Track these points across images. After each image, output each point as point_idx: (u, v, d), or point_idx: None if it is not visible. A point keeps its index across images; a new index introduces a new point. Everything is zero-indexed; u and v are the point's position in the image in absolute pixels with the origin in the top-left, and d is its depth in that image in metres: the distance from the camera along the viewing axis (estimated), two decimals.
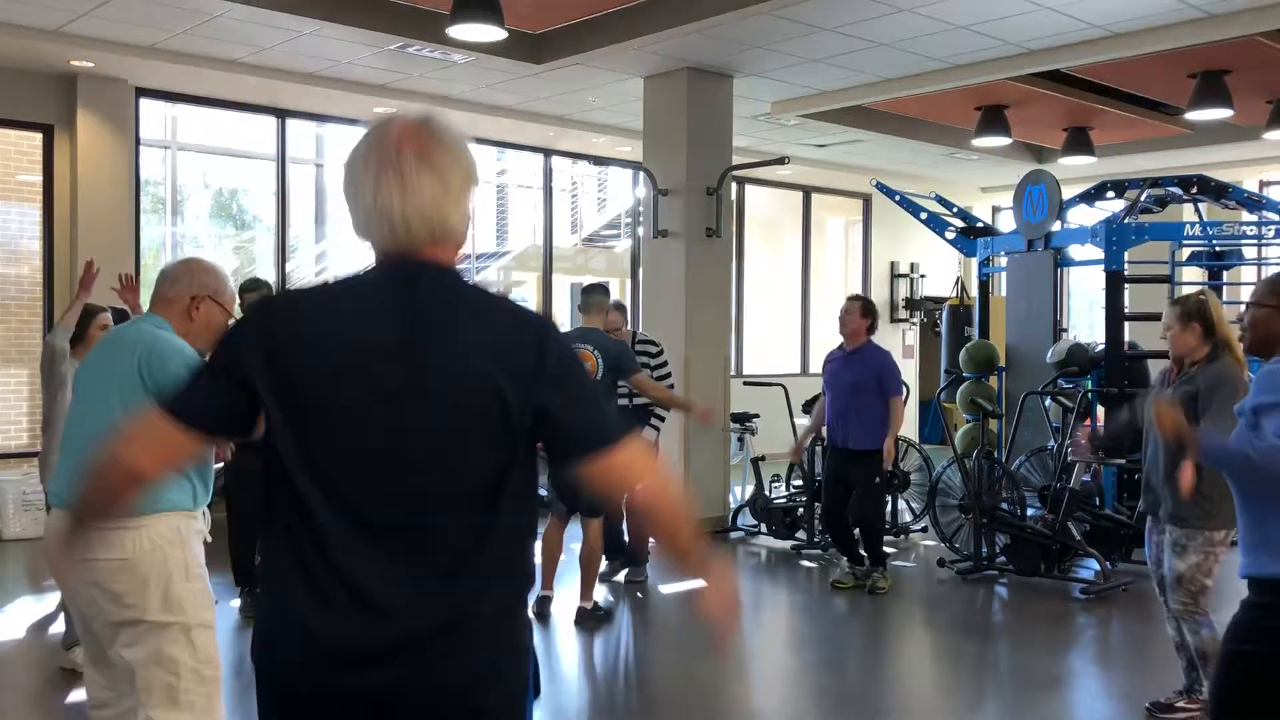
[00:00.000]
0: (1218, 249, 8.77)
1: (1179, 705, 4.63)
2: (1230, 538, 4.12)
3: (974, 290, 10.43)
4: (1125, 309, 8.18)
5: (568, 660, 5.73)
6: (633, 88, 9.19)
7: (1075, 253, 8.71)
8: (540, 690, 2.27)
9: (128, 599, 2.90)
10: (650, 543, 7.27)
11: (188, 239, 11.46)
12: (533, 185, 13.04)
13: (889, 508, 8.15)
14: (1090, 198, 9.13)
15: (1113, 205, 9.25)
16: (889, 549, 7.39)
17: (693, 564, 1.84)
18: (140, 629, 2.92)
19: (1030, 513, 7.28)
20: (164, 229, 11.14)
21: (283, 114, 10.25)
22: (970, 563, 7.25)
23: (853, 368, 6.70)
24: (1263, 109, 9.80)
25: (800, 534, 8.16)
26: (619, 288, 14.62)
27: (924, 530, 8.50)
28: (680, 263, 8.79)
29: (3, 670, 5.39)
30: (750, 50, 8.30)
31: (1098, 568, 6.89)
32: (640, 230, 11.25)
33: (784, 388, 8.78)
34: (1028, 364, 8.49)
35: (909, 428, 11.76)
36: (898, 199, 10.00)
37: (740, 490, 9.18)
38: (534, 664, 2.00)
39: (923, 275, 15.40)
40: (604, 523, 6.44)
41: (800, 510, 8.22)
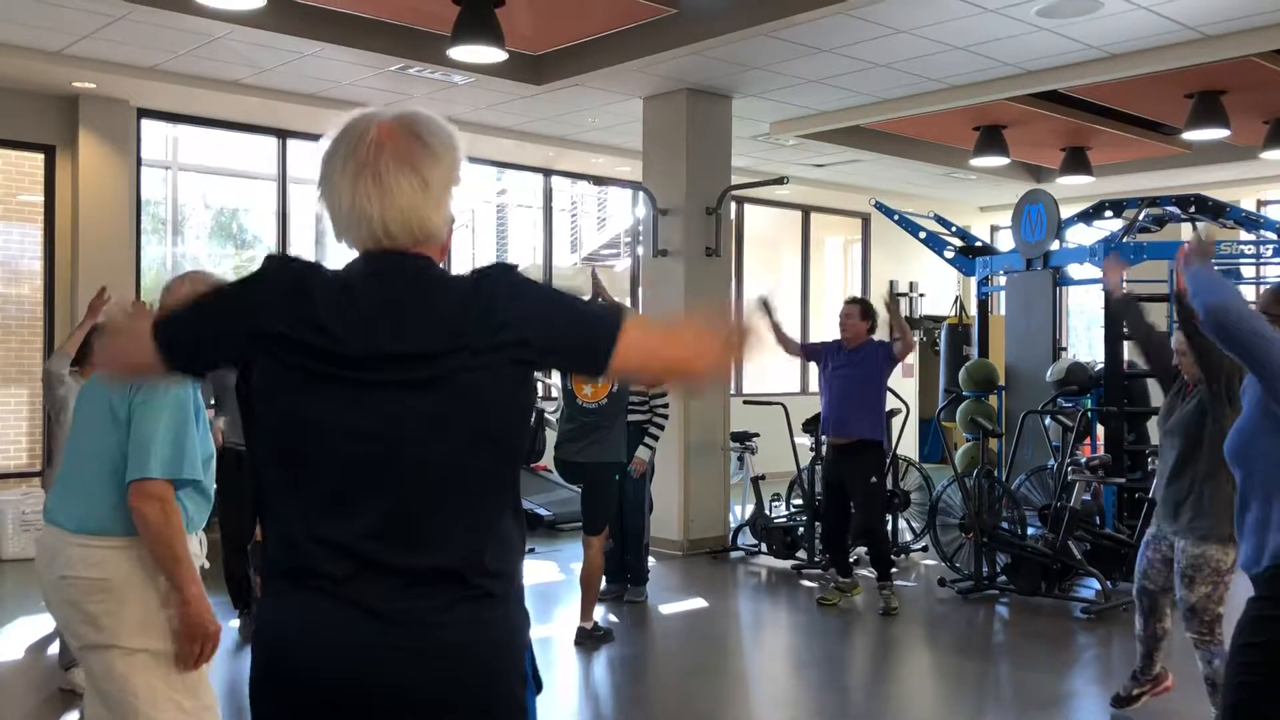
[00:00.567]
0: (1216, 268, 8.77)
1: (1136, 692, 4.76)
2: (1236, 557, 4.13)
3: (973, 309, 10.45)
4: (1124, 328, 8.18)
5: (567, 681, 5.71)
6: (632, 108, 9.23)
7: (1074, 272, 8.73)
8: (542, 685, 2.25)
9: (103, 620, 2.79)
10: (650, 561, 7.27)
11: (188, 259, 11.46)
12: (532, 205, 13.07)
13: (890, 527, 8.14)
14: (1088, 217, 9.15)
15: (1111, 224, 9.27)
16: (894, 568, 7.38)
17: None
18: (112, 655, 2.80)
19: (1031, 532, 7.27)
20: (165, 249, 11.16)
21: (283, 134, 10.28)
22: (971, 582, 7.24)
23: (856, 361, 6.77)
24: (1260, 129, 9.83)
25: (800, 553, 8.15)
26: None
27: (924, 549, 8.49)
28: (680, 282, 8.81)
29: (0, 690, 5.37)
30: (749, 71, 8.34)
31: (1099, 587, 6.88)
32: (640, 249, 11.27)
33: (784, 406, 8.78)
34: (1027, 383, 8.50)
35: (909, 446, 11.75)
36: (896, 218, 10.03)
37: (740, 509, 9.17)
38: (531, 658, 1.99)
39: (922, 294, 15.42)
40: (605, 543, 6.45)
41: (800, 530, 8.20)
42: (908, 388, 13.58)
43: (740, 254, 13.62)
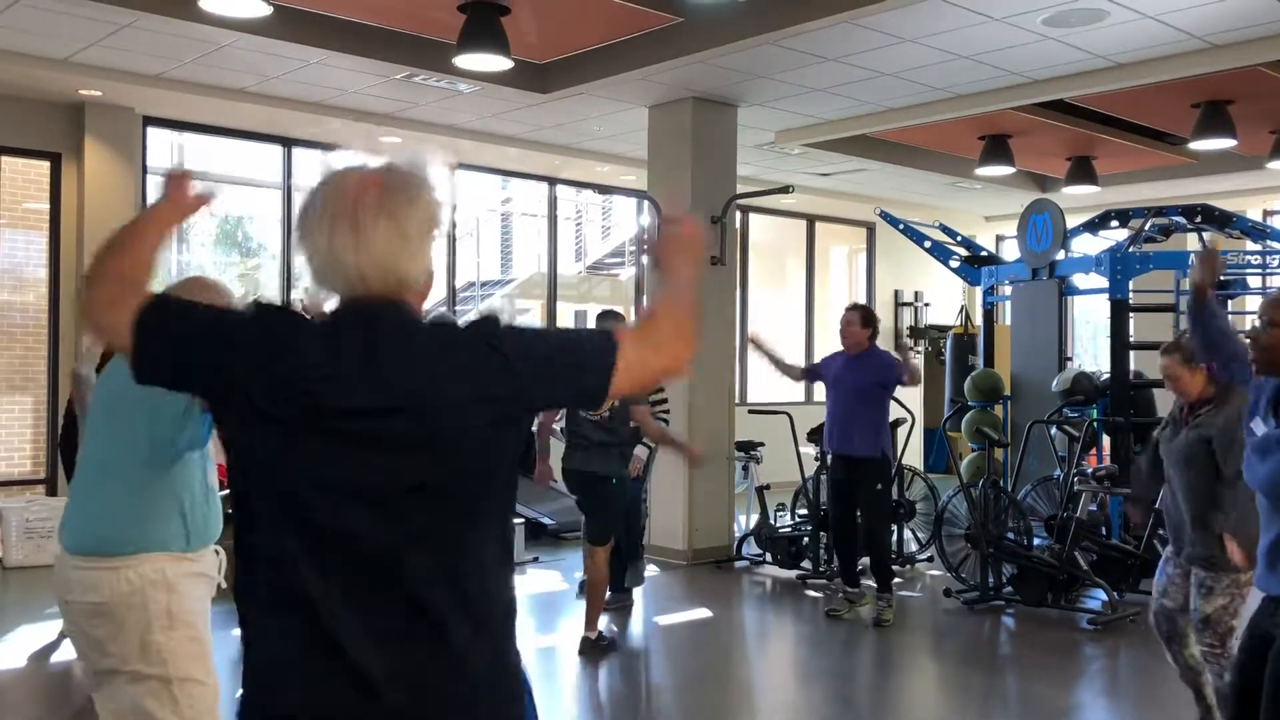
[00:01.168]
0: (1222, 278, 8.75)
1: None
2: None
3: (978, 319, 10.42)
4: (1130, 338, 8.17)
5: (570, 691, 5.69)
6: (637, 117, 9.23)
7: (1079, 281, 8.71)
8: None
9: (107, 646, 2.74)
10: (652, 568, 7.24)
11: (193, 266, 11.48)
12: (537, 213, 13.08)
13: (896, 537, 8.12)
14: (1094, 227, 9.14)
15: (1117, 234, 9.26)
16: (894, 579, 7.36)
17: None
18: (119, 679, 2.75)
19: (1037, 542, 7.24)
20: (169, 256, 11.19)
21: (289, 142, 10.30)
22: (976, 593, 7.21)
23: (857, 370, 6.72)
24: (1266, 139, 9.82)
25: (805, 563, 8.12)
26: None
27: (930, 560, 8.46)
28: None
29: (4, 698, 5.35)
30: (754, 80, 8.34)
31: (1105, 598, 6.84)
32: (644, 258, 11.27)
33: (789, 416, 8.76)
34: (1033, 393, 8.47)
35: (914, 456, 11.72)
36: (902, 227, 10.02)
37: (745, 519, 9.14)
38: (531, 702, 1.97)
39: (927, 304, 15.40)
40: (611, 552, 6.43)
41: (805, 539, 8.18)
42: (913, 397, 13.54)
43: (745, 263, 13.61)
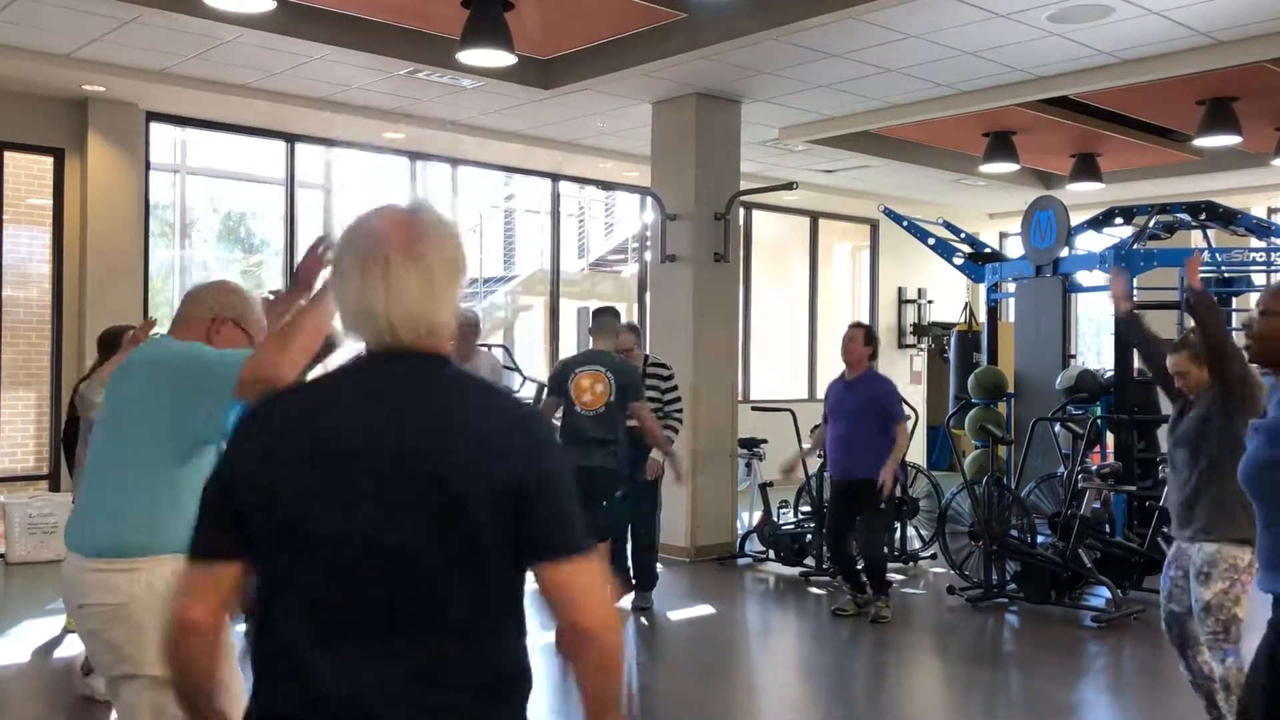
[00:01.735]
0: (1226, 275, 8.74)
1: None
2: (1255, 563, 4.07)
3: (982, 316, 10.40)
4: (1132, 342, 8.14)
5: (572, 688, 5.67)
6: (641, 113, 9.22)
7: (1084, 279, 8.69)
8: None
9: (125, 649, 2.68)
10: (659, 567, 7.23)
11: (196, 263, 11.48)
12: (540, 210, 13.06)
13: (898, 534, 8.10)
14: (1098, 224, 9.12)
15: (1121, 231, 9.23)
16: (897, 575, 7.36)
17: None
18: (139, 683, 2.68)
19: (1040, 540, 7.23)
20: (173, 253, 11.16)
21: (292, 138, 10.30)
22: (980, 590, 7.20)
23: (855, 396, 6.67)
24: (1271, 136, 9.80)
25: (808, 560, 8.11)
26: (626, 312, 14.60)
27: (933, 557, 8.45)
28: (688, 287, 8.78)
29: (7, 694, 5.35)
30: (758, 76, 8.33)
31: (1109, 595, 6.83)
32: (648, 255, 11.26)
33: (792, 413, 8.75)
34: (1037, 390, 8.45)
35: (917, 453, 11.71)
36: (905, 224, 10.00)
37: (748, 516, 9.14)
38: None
39: (930, 301, 15.38)
40: (612, 548, 6.43)
41: (808, 536, 8.17)
42: (917, 395, 13.55)
43: (748, 260, 13.60)
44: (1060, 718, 5.23)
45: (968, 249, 9.90)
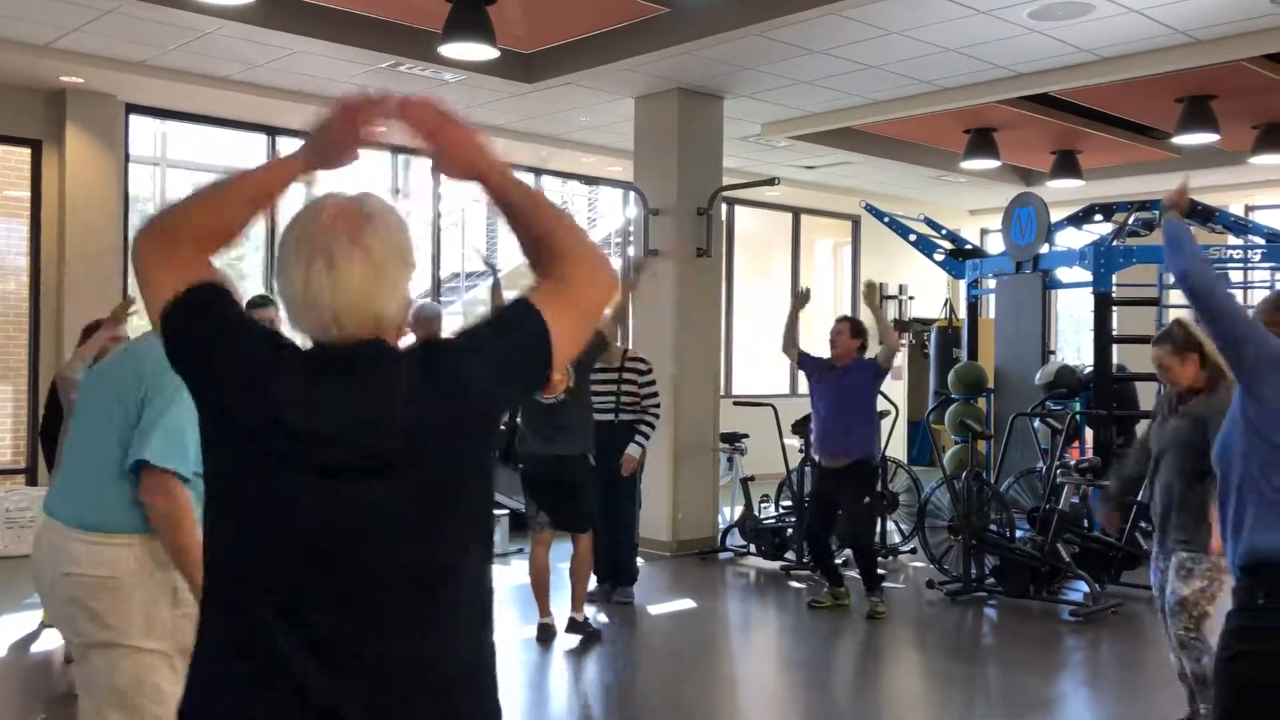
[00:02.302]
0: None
1: None
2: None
3: (962, 312, 10.47)
4: (1113, 331, 8.21)
5: (554, 681, 5.69)
6: (624, 108, 9.22)
7: (1063, 275, 8.75)
8: None
9: (109, 619, 2.72)
10: (640, 561, 7.25)
11: None
12: None
13: (879, 529, 8.14)
14: (1078, 220, 9.18)
15: (1101, 228, 9.30)
16: (879, 570, 7.38)
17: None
18: (118, 652, 2.73)
19: (1019, 534, 7.28)
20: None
21: (273, 131, 10.24)
22: (959, 584, 7.24)
23: (845, 379, 6.73)
24: (1248, 134, 9.87)
25: (789, 554, 8.14)
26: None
27: (913, 551, 8.49)
28: (671, 282, 8.79)
29: None
30: (741, 72, 8.34)
31: (1087, 590, 6.89)
32: (631, 250, 11.26)
33: (773, 408, 8.77)
34: (1016, 386, 8.51)
35: (897, 448, 11.76)
36: (887, 221, 10.04)
37: (729, 511, 9.17)
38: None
39: (911, 297, 15.44)
40: (594, 541, 6.45)
41: (789, 531, 8.20)
42: (897, 390, 13.59)
43: (731, 255, 13.62)
44: (1038, 711, 5.27)
45: (948, 245, 9.95)
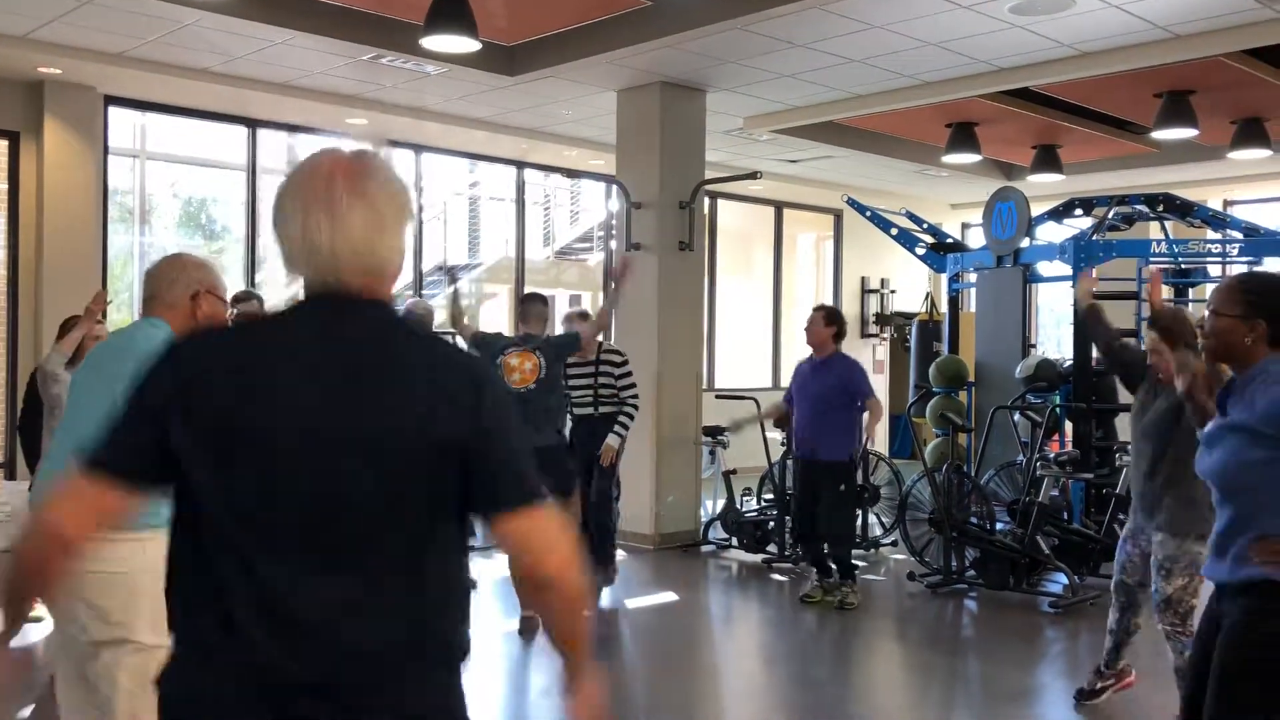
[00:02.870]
0: (1183, 266, 8.87)
1: (1100, 686, 4.84)
2: None
3: (944, 306, 10.51)
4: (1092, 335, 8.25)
5: (535, 675, 5.69)
6: (606, 101, 9.20)
7: (1044, 269, 8.79)
8: None
9: (115, 616, 2.76)
10: (619, 554, 7.25)
11: (155, 248, 11.33)
12: (505, 198, 13.02)
13: (859, 521, 8.17)
14: (1059, 215, 9.22)
15: (1081, 222, 9.34)
16: (859, 562, 7.41)
17: (575, 660, 1.79)
18: (126, 649, 2.78)
19: (999, 527, 7.32)
20: (132, 239, 11.03)
21: (253, 124, 10.19)
22: (940, 576, 7.28)
23: (821, 378, 6.70)
24: (1227, 129, 9.94)
25: (771, 547, 8.17)
26: (591, 300, 14.63)
27: (894, 544, 8.52)
28: (653, 276, 8.79)
29: None
30: (723, 65, 8.34)
31: (1066, 581, 6.93)
32: (613, 243, 11.26)
33: (756, 401, 8.77)
34: (997, 379, 8.55)
35: (879, 441, 11.80)
36: (869, 215, 10.06)
37: (711, 504, 9.18)
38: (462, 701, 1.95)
39: (893, 291, 15.49)
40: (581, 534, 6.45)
41: (771, 524, 8.22)
42: (878, 384, 13.63)
43: (713, 249, 13.63)
44: (1018, 701, 5.30)
45: (930, 239, 9.98)
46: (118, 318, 9.52)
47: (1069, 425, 8.41)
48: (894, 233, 9.96)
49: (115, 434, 1.67)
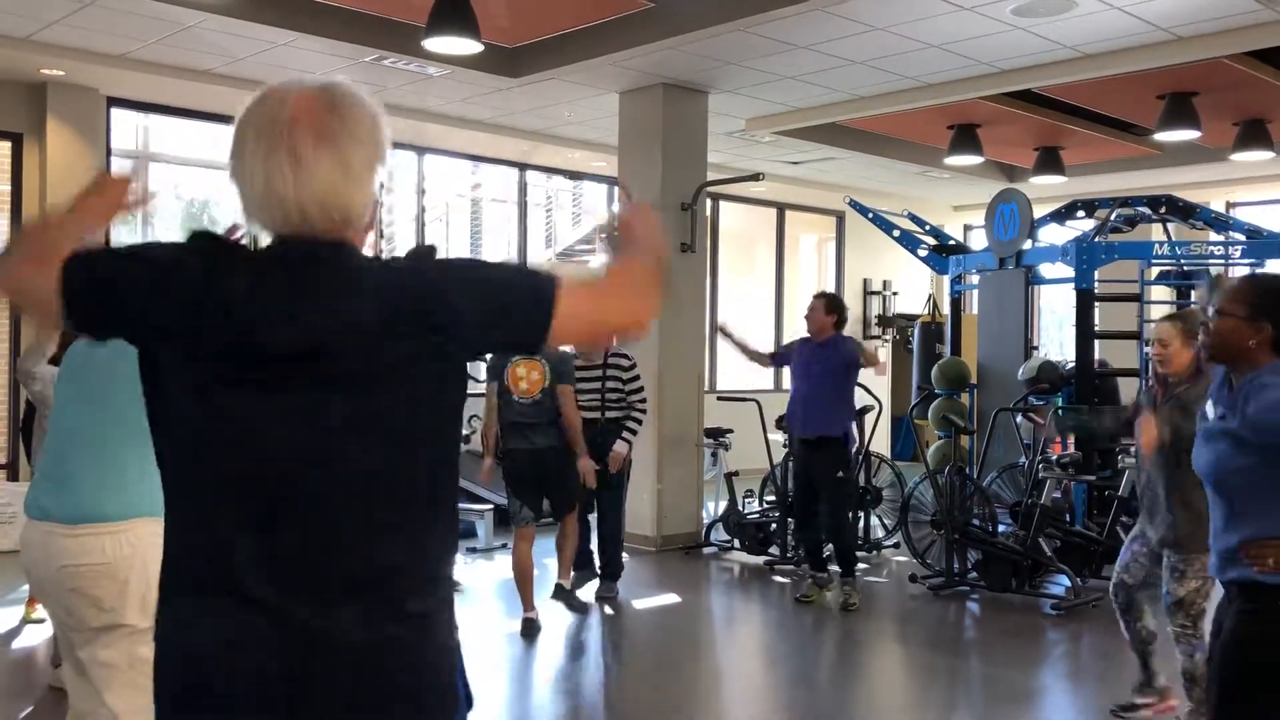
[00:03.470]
0: (1186, 268, 8.86)
1: (1139, 702, 4.77)
2: None
3: (946, 308, 10.49)
4: (1095, 327, 8.25)
5: (538, 676, 5.69)
6: (608, 102, 9.21)
7: (1046, 271, 8.78)
8: (473, 702, 2.16)
9: (106, 603, 2.91)
10: (625, 557, 7.25)
11: None
12: (507, 199, 13.01)
13: (861, 524, 8.17)
14: (1061, 217, 9.21)
15: (1083, 224, 9.33)
16: (861, 564, 7.41)
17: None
18: (118, 633, 2.93)
19: (1001, 529, 7.31)
20: (134, 240, 11.04)
21: None
22: (942, 578, 7.27)
23: (823, 357, 6.75)
24: (1230, 130, 9.93)
25: (773, 549, 8.16)
26: None
27: (896, 546, 8.52)
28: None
29: None
30: (725, 67, 8.34)
31: (1068, 584, 6.92)
32: (606, 242, 11.25)
33: (757, 403, 8.79)
34: (999, 381, 8.54)
35: (881, 443, 11.80)
36: (871, 216, 10.06)
37: (713, 505, 9.18)
38: (463, 675, 1.93)
39: (895, 292, 15.48)
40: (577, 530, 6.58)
41: (773, 526, 8.22)
42: (880, 385, 13.62)
43: (715, 251, 13.63)
44: (1020, 703, 5.30)
45: (932, 241, 9.97)
46: None
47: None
48: (896, 234, 9.95)
49: (100, 280, 1.59)
